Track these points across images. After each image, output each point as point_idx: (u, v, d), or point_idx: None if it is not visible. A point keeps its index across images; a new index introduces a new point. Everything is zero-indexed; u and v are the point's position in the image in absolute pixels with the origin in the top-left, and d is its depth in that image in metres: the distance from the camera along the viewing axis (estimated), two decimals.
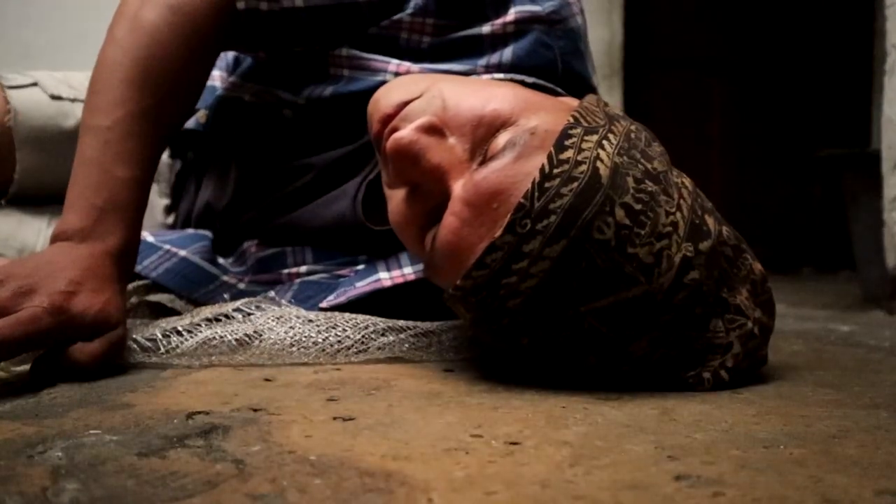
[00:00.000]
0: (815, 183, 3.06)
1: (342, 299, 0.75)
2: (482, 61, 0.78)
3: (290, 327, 0.67)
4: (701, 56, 3.08)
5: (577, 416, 0.47)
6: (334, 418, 0.45)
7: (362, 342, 0.67)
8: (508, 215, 0.51)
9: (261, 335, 0.65)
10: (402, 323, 0.70)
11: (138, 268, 0.79)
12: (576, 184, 0.50)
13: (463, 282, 0.53)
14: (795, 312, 1.35)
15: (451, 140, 0.57)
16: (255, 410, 0.47)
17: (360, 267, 0.81)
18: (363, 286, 0.77)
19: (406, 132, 0.57)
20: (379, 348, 0.67)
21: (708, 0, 3.08)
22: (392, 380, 0.58)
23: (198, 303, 0.80)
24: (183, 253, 0.85)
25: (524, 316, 0.53)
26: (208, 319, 0.68)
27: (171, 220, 1.03)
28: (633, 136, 0.56)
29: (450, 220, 0.55)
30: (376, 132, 0.62)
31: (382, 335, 0.68)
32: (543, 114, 0.57)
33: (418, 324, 0.70)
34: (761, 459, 0.38)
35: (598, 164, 0.51)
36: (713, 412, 0.48)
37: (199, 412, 0.46)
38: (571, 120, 0.54)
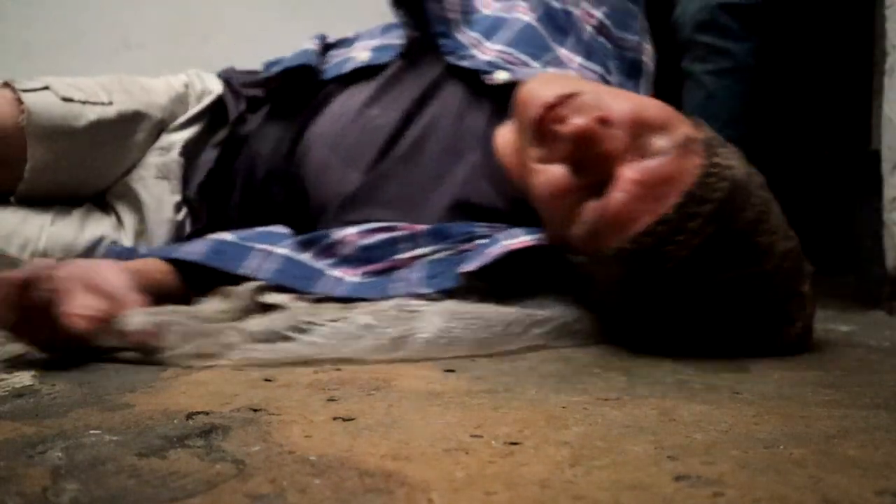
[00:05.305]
0: (815, 183, 3.06)
1: (484, 260, 0.77)
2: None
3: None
4: None
5: (577, 416, 0.47)
6: (334, 418, 0.45)
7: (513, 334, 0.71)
8: (678, 197, 0.64)
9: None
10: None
11: (243, 270, 0.77)
12: (726, 182, 0.65)
13: (630, 245, 0.65)
14: None
15: (618, 132, 0.69)
16: (255, 410, 0.47)
17: (483, 241, 0.82)
18: (495, 250, 0.78)
19: (587, 120, 0.69)
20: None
21: None
22: (392, 380, 0.58)
23: (317, 300, 0.76)
24: (281, 251, 0.82)
25: (673, 276, 0.65)
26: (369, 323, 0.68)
27: (181, 216, 1.02)
28: (739, 153, 0.71)
29: (620, 196, 0.67)
30: (538, 115, 0.74)
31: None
32: (686, 126, 0.71)
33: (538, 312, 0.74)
34: (761, 459, 0.38)
35: (737, 171, 0.67)
36: (713, 412, 0.48)
37: (199, 412, 0.46)
38: (709, 134, 0.70)
